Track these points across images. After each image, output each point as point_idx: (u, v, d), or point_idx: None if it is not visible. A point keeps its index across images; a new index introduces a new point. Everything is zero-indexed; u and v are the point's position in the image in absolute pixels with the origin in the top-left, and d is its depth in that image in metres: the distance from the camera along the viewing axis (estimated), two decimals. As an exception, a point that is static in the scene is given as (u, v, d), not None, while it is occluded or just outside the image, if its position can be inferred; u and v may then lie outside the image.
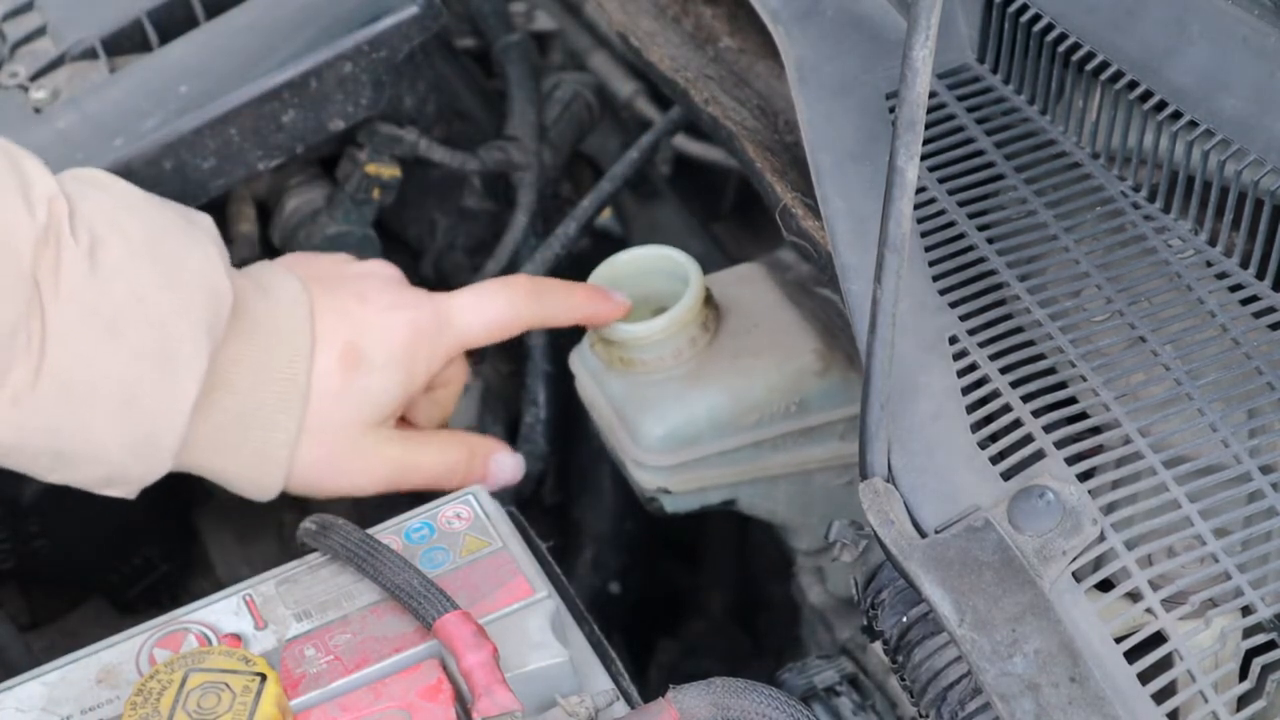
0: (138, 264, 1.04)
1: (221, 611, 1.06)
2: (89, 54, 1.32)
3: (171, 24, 1.33)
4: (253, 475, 1.11)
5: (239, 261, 1.18)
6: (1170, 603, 0.86)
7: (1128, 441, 0.90)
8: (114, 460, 1.06)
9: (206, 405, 1.07)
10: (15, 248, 0.99)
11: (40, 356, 1.00)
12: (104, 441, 1.05)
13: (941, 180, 1.03)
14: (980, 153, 1.04)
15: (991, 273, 0.99)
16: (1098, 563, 0.87)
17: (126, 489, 1.09)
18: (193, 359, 1.04)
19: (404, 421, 1.20)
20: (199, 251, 1.08)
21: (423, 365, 1.14)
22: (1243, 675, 0.87)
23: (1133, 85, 1.01)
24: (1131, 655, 0.85)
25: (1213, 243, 0.99)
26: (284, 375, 1.09)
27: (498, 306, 1.16)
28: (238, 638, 1.04)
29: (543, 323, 1.19)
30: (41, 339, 1.00)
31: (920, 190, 0.97)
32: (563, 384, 1.43)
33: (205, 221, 1.12)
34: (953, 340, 0.96)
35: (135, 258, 1.04)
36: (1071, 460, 0.90)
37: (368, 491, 1.16)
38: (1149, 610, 0.86)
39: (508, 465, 1.20)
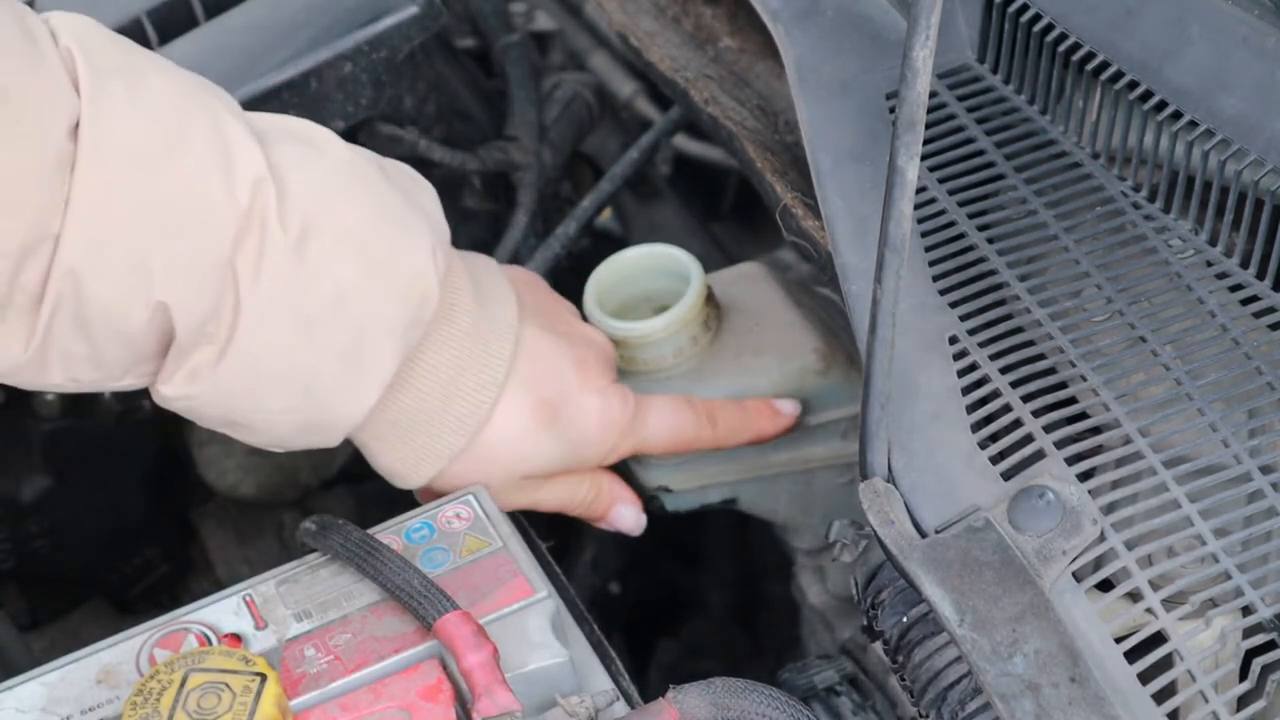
0: (346, 256, 0.99)
1: (222, 611, 1.06)
2: (89, 54, 1.32)
3: (171, 24, 1.33)
4: (399, 470, 1.10)
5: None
6: (1170, 603, 0.86)
7: (1128, 441, 0.90)
8: (281, 435, 1.04)
9: (386, 399, 1.05)
10: (216, 233, 0.95)
11: (228, 340, 0.97)
12: (276, 421, 1.03)
13: (942, 180, 1.03)
14: (980, 153, 1.05)
15: (992, 273, 0.99)
16: (1098, 563, 0.87)
17: (285, 449, 1.08)
18: (381, 364, 1.02)
19: None
20: (412, 245, 1.02)
21: (597, 455, 1.13)
22: (1243, 675, 0.87)
23: (1133, 85, 1.01)
24: (1132, 655, 0.85)
25: (1213, 243, 0.99)
26: (471, 401, 1.07)
27: (684, 427, 1.15)
28: (238, 638, 1.04)
29: (715, 445, 1.17)
30: (233, 324, 0.97)
31: (920, 190, 0.97)
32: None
33: (427, 197, 1.07)
34: (953, 340, 0.96)
35: (345, 248, 0.99)
36: (1072, 460, 0.90)
37: None
38: (1149, 610, 0.86)
39: (628, 517, 1.18)
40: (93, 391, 1.02)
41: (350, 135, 1.34)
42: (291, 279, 0.97)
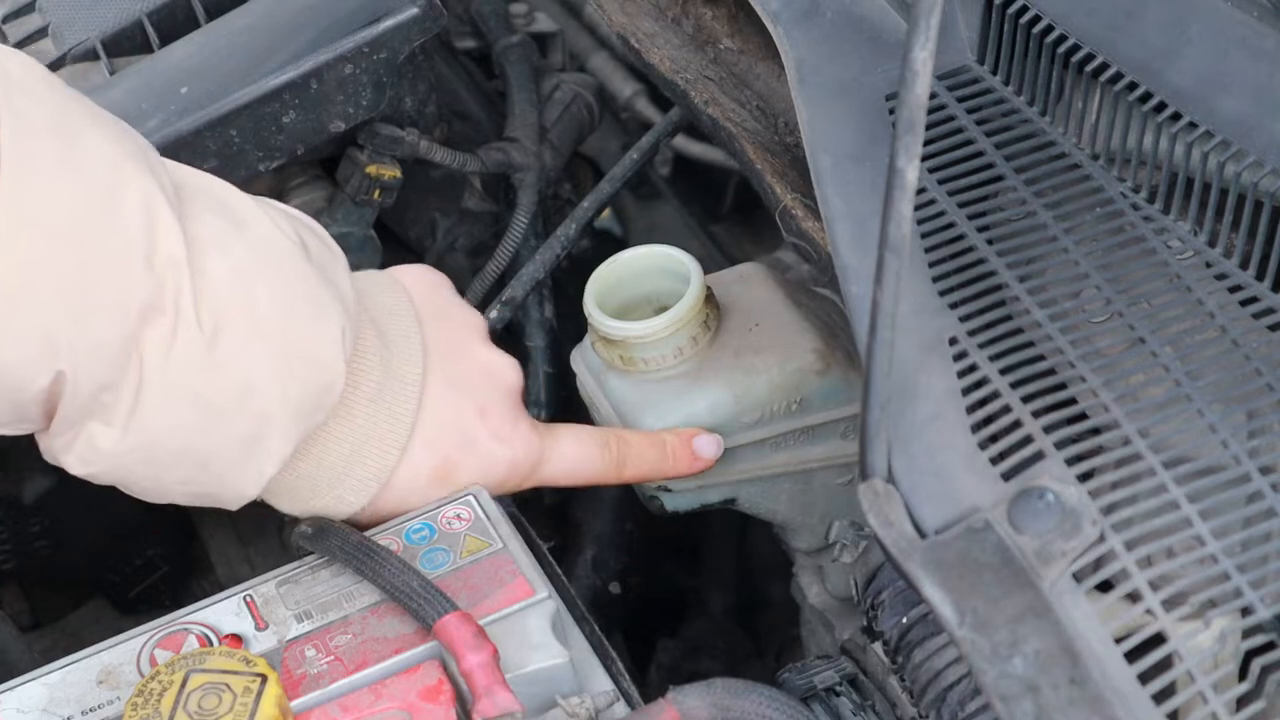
0: (257, 345, 0.99)
1: (222, 612, 1.06)
2: (90, 55, 1.33)
3: (172, 25, 1.34)
4: (311, 508, 1.10)
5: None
6: (1170, 604, 0.86)
7: (1128, 442, 0.90)
8: (174, 499, 1.06)
9: (286, 468, 1.06)
10: (128, 311, 0.94)
11: (128, 418, 0.97)
12: (170, 491, 1.05)
13: (941, 181, 1.03)
14: (980, 154, 1.05)
15: (991, 274, 0.99)
16: (1098, 564, 0.87)
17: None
18: (280, 447, 1.03)
19: None
20: (323, 331, 1.02)
21: (498, 492, 1.13)
22: (1242, 676, 0.87)
23: (1132, 86, 1.01)
24: (1131, 656, 0.85)
25: (1212, 244, 0.99)
26: (374, 466, 1.08)
27: (590, 463, 1.15)
28: (238, 638, 1.04)
29: (620, 480, 1.17)
30: (135, 402, 0.97)
31: (920, 191, 0.97)
32: (563, 385, 1.43)
33: (340, 269, 1.07)
34: (953, 341, 0.96)
35: (256, 337, 0.99)
36: (1071, 461, 0.90)
37: None
38: (1149, 611, 0.86)
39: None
40: None
41: (351, 136, 1.34)
42: (200, 368, 0.98)
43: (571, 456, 1.15)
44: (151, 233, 0.95)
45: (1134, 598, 0.87)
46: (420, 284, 1.14)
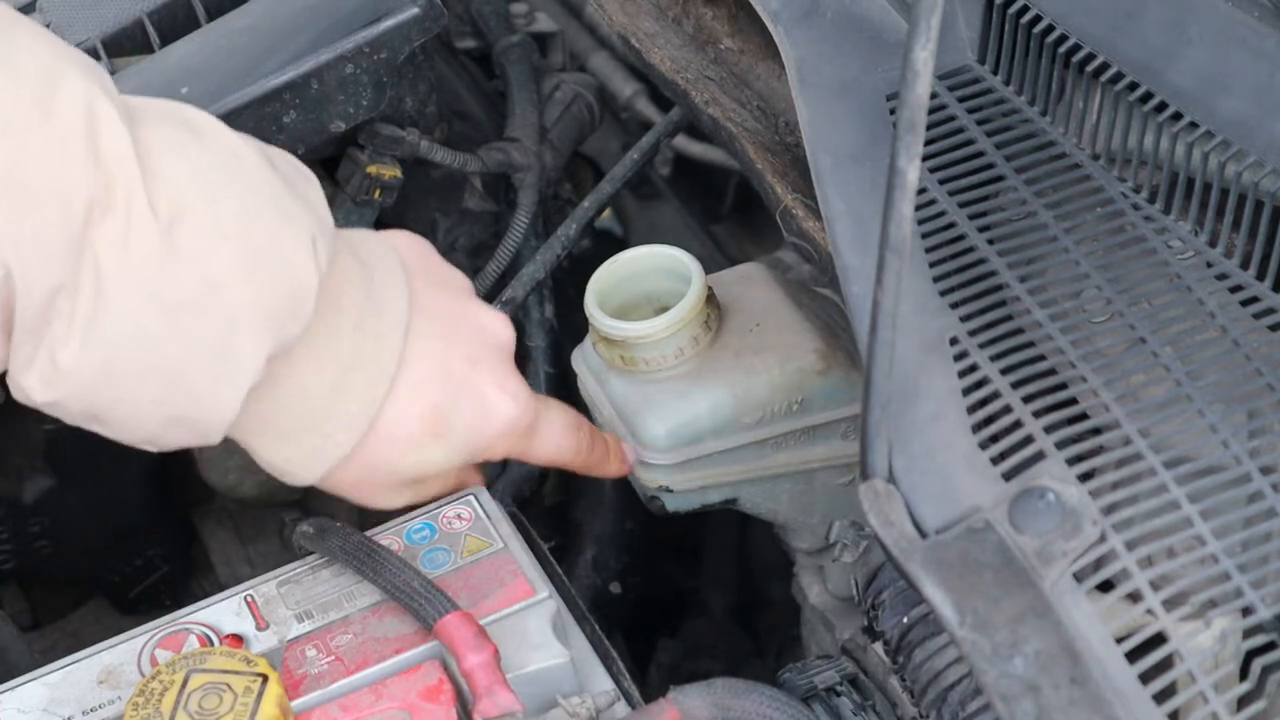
0: (220, 244, 0.94)
1: (223, 612, 1.06)
2: (90, 55, 1.32)
3: (173, 25, 1.34)
4: (286, 469, 1.04)
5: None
6: (1171, 603, 0.86)
7: (1128, 442, 0.90)
8: (150, 431, 0.99)
9: (266, 397, 0.99)
10: (72, 207, 0.90)
11: (89, 326, 0.92)
12: (143, 415, 0.98)
13: (942, 181, 1.03)
14: (981, 154, 1.05)
15: (992, 274, 0.99)
16: (1098, 564, 0.87)
17: (163, 449, 1.02)
18: (252, 356, 0.96)
19: None
20: (293, 235, 0.97)
21: (484, 455, 1.10)
22: (1243, 676, 0.87)
23: (1133, 86, 1.01)
24: (1132, 656, 0.85)
25: (1213, 244, 0.99)
26: (363, 398, 1.02)
27: (569, 439, 1.14)
28: (239, 638, 1.04)
29: (575, 470, 1.17)
30: (92, 311, 0.92)
31: (921, 191, 0.97)
32: (563, 385, 1.43)
33: (312, 188, 1.01)
34: (953, 341, 0.96)
35: (218, 236, 0.94)
36: (1072, 461, 0.90)
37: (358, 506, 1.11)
38: (1150, 611, 0.86)
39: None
40: None
41: (351, 136, 1.34)
42: (160, 263, 0.92)
43: (559, 427, 1.13)
44: (93, 129, 0.91)
45: (1135, 598, 0.87)
46: (408, 243, 1.11)
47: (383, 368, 1.02)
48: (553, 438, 1.12)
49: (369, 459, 1.04)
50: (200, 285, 0.94)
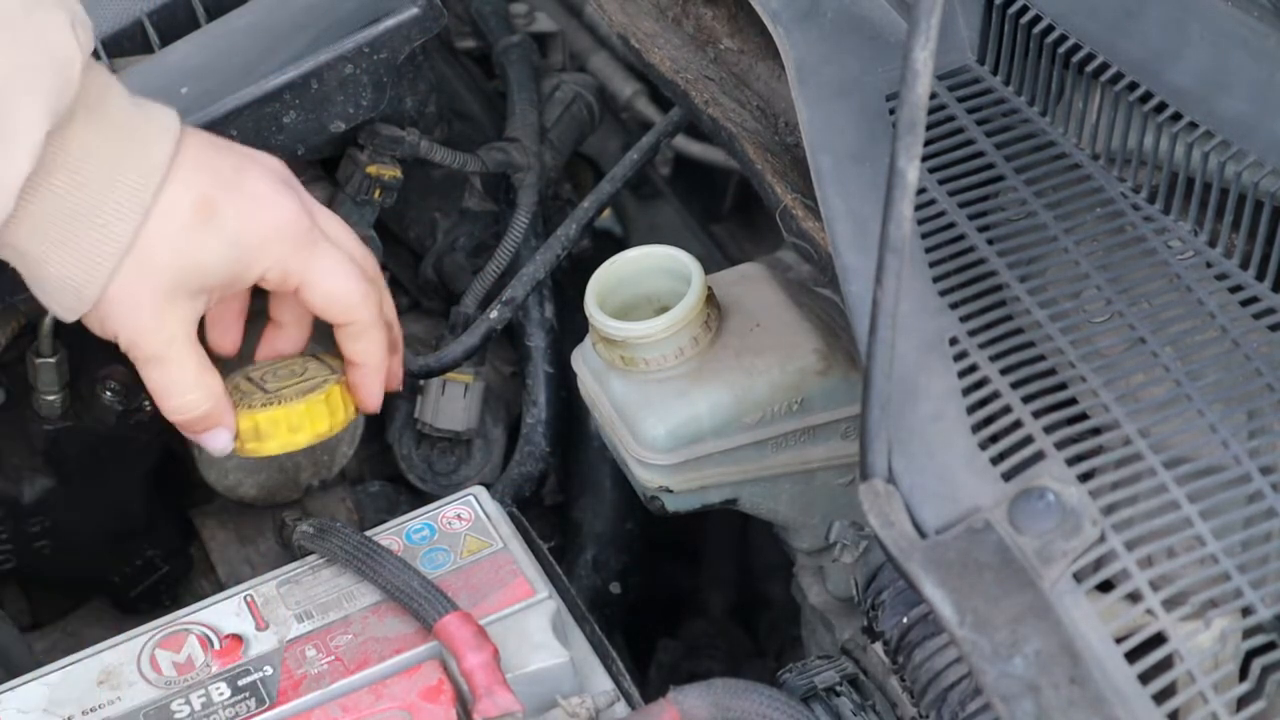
0: None
1: (223, 612, 1.06)
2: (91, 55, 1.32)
3: (172, 25, 1.33)
4: (71, 276, 1.03)
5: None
6: (1171, 603, 0.86)
7: (1128, 442, 0.90)
8: None
9: (43, 187, 0.99)
10: None
11: None
12: None
13: (942, 182, 1.03)
14: (980, 154, 1.05)
15: (992, 274, 0.99)
16: (1098, 564, 0.88)
17: None
18: (28, 128, 0.96)
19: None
20: (46, 14, 0.97)
21: (262, 262, 1.07)
22: (1243, 676, 0.87)
23: (1133, 86, 1.01)
24: (1132, 656, 0.85)
25: (1213, 244, 0.99)
26: (132, 183, 1.01)
27: (355, 288, 1.11)
28: (239, 638, 1.04)
29: (353, 356, 1.13)
30: None
31: (921, 191, 0.97)
32: (563, 385, 1.43)
33: None
34: (953, 341, 0.96)
35: None
36: (1072, 461, 0.90)
37: (124, 343, 1.07)
38: (1149, 611, 0.86)
39: (213, 441, 1.11)
40: None
41: (351, 136, 1.34)
42: None
43: (344, 266, 1.10)
44: None
45: (1134, 598, 0.87)
46: None
47: (153, 159, 1.02)
48: (334, 272, 1.10)
49: (144, 257, 1.03)
50: None
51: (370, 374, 1.13)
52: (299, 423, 1.10)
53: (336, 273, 1.10)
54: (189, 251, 1.04)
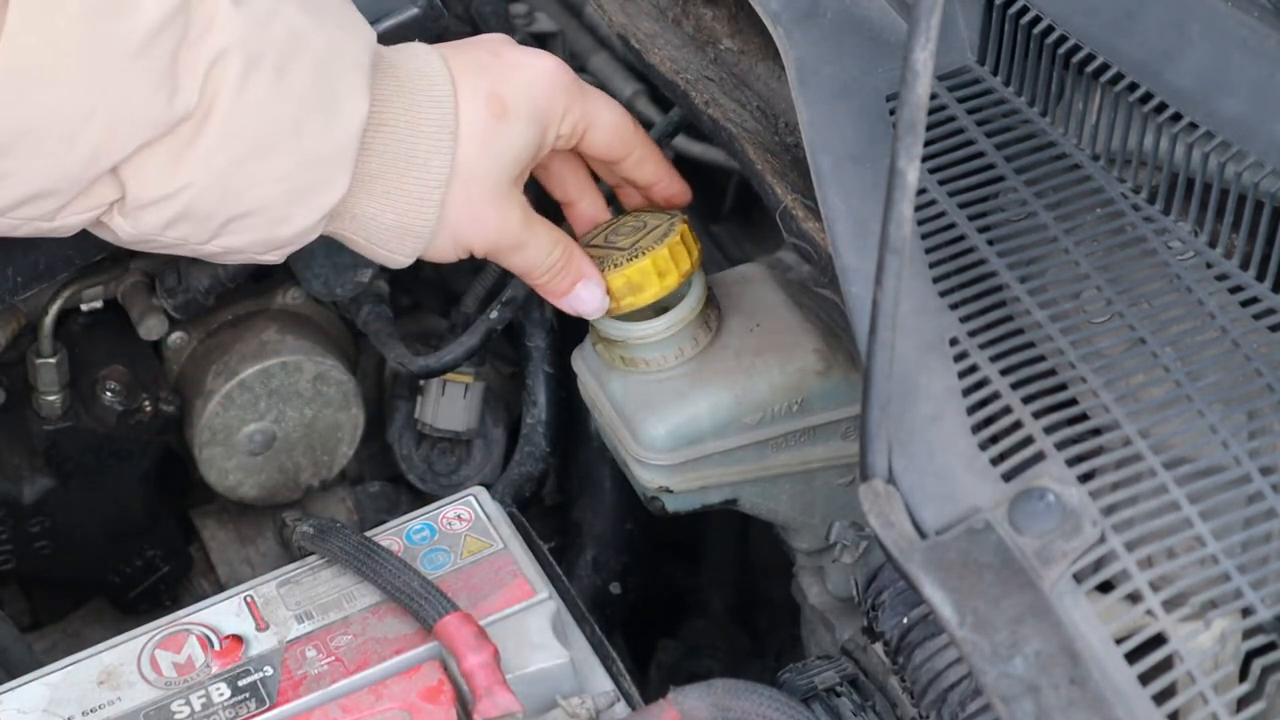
0: (284, 3, 1.01)
1: (223, 612, 1.06)
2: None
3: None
4: (405, 220, 1.08)
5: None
6: (1171, 604, 0.86)
7: (1128, 443, 0.90)
8: (278, 215, 1.04)
9: (365, 149, 1.05)
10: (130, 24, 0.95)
11: (208, 110, 0.98)
12: (270, 194, 1.03)
13: (942, 182, 1.03)
14: (981, 154, 1.05)
15: (992, 274, 0.99)
16: (1098, 564, 0.88)
17: (277, 253, 1.07)
18: (354, 97, 1.03)
19: None
20: None
21: (558, 120, 1.13)
22: (1243, 676, 0.87)
23: (1133, 87, 1.01)
24: (1132, 657, 0.85)
25: (1213, 244, 0.99)
26: (434, 118, 1.07)
27: (619, 112, 1.17)
28: (239, 639, 1.04)
29: (645, 157, 1.19)
30: (211, 93, 0.97)
31: (921, 192, 0.97)
32: (563, 385, 1.43)
33: None
34: (953, 342, 0.96)
35: None
36: (1072, 462, 0.90)
37: (482, 249, 1.13)
38: (1149, 612, 0.86)
39: (589, 299, 1.15)
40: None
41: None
42: (246, 33, 0.98)
43: (613, 105, 1.16)
44: None
45: (1135, 598, 0.87)
46: None
47: (438, 88, 1.08)
48: (606, 107, 1.16)
49: (466, 175, 1.08)
50: (286, 40, 1.00)
51: (674, 180, 1.20)
52: (665, 267, 1.14)
53: (607, 107, 1.16)
54: (500, 150, 1.10)
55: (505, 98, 1.10)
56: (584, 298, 1.15)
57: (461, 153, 1.08)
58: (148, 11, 0.94)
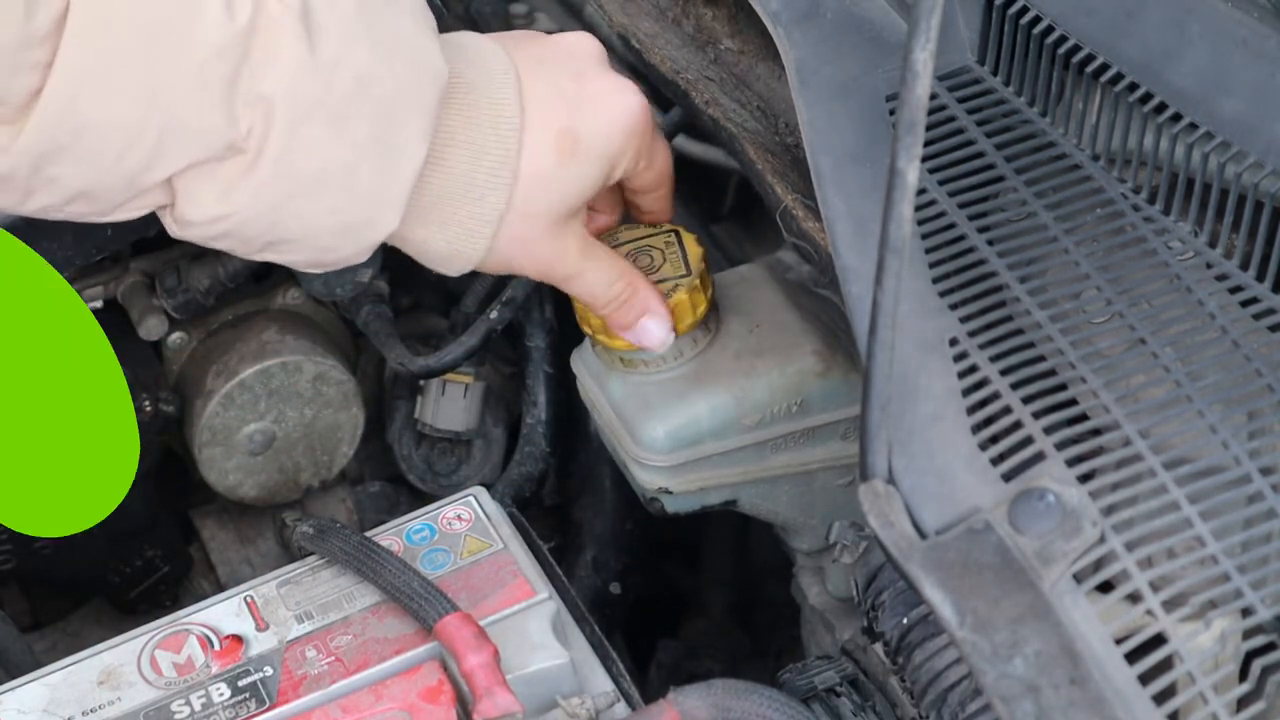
0: (356, 42, 0.97)
1: (223, 612, 1.06)
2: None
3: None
4: (455, 248, 1.06)
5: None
6: (1171, 604, 0.86)
7: (1128, 443, 0.90)
8: (324, 244, 1.02)
9: (420, 185, 1.02)
10: (203, 52, 0.92)
11: (262, 145, 0.95)
12: (318, 227, 1.00)
13: (942, 182, 1.03)
14: (980, 154, 1.05)
15: (992, 274, 0.99)
16: (1098, 564, 0.88)
17: (329, 267, 1.05)
18: (413, 143, 1.00)
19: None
20: (409, 19, 1.00)
21: (628, 160, 1.10)
22: (1243, 677, 0.87)
23: (1133, 87, 1.01)
24: (1132, 657, 0.85)
25: (1213, 245, 0.99)
26: (496, 154, 1.03)
27: (669, 155, 1.15)
28: (239, 639, 1.04)
29: (659, 185, 1.16)
30: (266, 128, 0.95)
31: (921, 192, 0.97)
32: (563, 385, 1.43)
33: None
34: (953, 342, 0.96)
35: (351, 34, 0.97)
36: (1072, 462, 0.90)
37: (536, 276, 1.11)
38: (1149, 612, 0.86)
39: (655, 332, 1.14)
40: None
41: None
42: (312, 75, 0.95)
43: (668, 149, 1.15)
44: None
45: (1135, 598, 0.87)
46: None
47: (508, 120, 1.04)
48: (664, 150, 1.14)
49: (523, 209, 1.05)
50: (351, 86, 0.97)
51: (669, 210, 1.18)
52: (697, 299, 1.15)
53: (664, 150, 1.14)
54: (563, 187, 1.06)
55: (579, 135, 1.06)
56: (650, 330, 1.13)
57: (520, 190, 1.04)
58: (208, 34, 0.92)
